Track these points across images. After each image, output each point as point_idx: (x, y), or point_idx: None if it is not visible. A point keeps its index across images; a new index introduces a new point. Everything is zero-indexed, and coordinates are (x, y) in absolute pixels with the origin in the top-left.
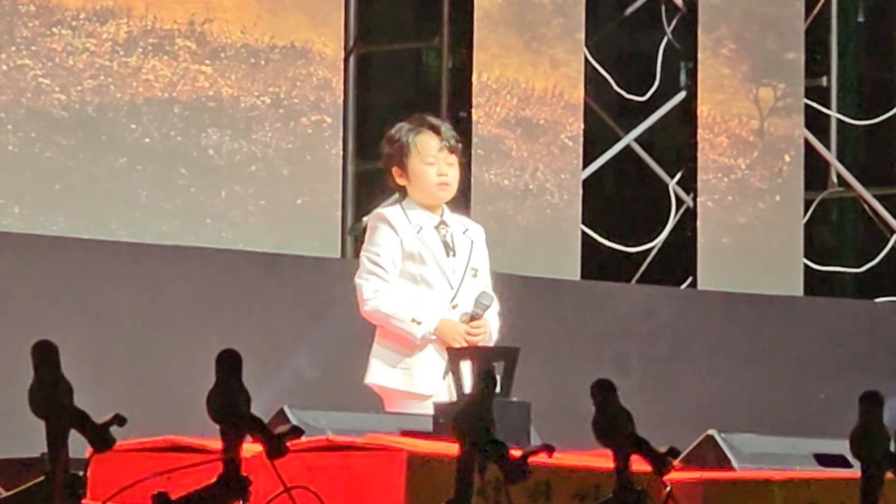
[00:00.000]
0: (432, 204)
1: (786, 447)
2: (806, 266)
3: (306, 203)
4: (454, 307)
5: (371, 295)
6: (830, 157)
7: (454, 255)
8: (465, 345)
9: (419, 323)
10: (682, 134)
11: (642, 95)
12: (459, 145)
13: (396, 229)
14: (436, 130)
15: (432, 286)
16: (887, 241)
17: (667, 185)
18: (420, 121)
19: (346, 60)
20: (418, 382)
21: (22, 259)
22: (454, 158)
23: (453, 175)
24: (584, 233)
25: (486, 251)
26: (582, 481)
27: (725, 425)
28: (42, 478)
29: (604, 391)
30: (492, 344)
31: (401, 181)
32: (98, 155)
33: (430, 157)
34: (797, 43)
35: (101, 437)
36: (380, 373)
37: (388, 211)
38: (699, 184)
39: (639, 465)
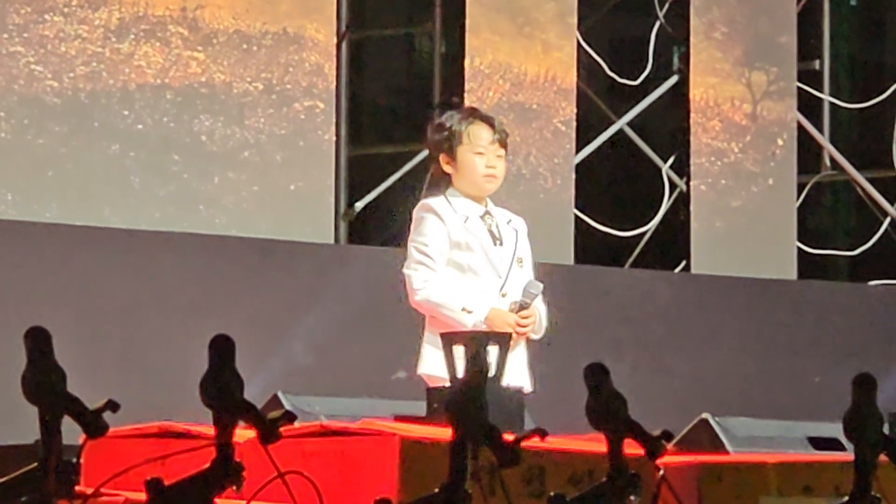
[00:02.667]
0: (477, 194)
1: (780, 430)
2: (799, 249)
3: (299, 189)
4: (503, 296)
5: (420, 285)
6: (823, 140)
7: (501, 245)
8: (515, 335)
9: (470, 312)
10: (674, 118)
11: (635, 80)
12: (507, 139)
13: (443, 219)
14: (489, 122)
15: (480, 275)
16: (880, 224)
17: (660, 170)
18: (472, 112)
19: (338, 46)
20: None
21: (15, 246)
22: (503, 152)
23: (501, 168)
24: (577, 217)
25: (529, 244)
26: (575, 465)
27: (719, 409)
28: (35, 464)
29: (597, 375)
30: (542, 333)
31: (447, 169)
32: (91, 141)
33: (480, 147)
34: (789, 26)
35: (94, 424)
36: (433, 363)
37: (434, 201)
38: (692, 168)
39: (632, 448)
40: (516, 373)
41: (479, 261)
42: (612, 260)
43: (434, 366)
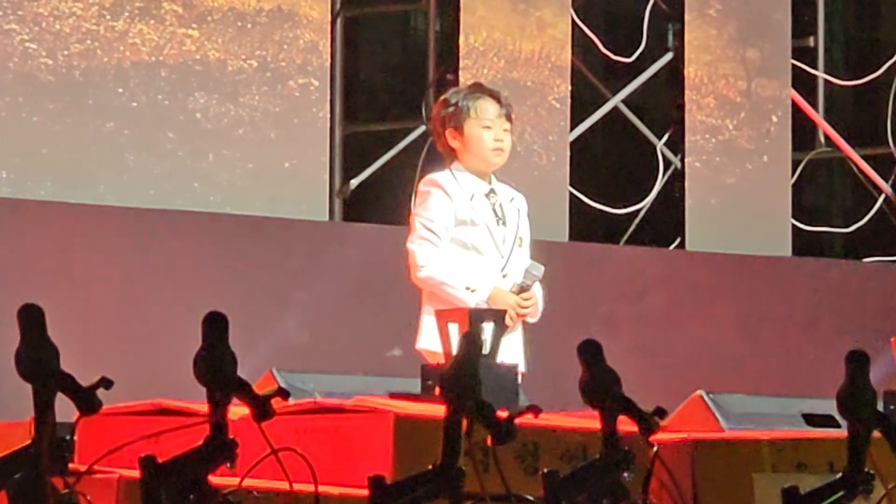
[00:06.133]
0: (483, 169)
1: (774, 407)
2: (794, 226)
3: (294, 166)
4: (504, 276)
5: (424, 261)
6: (818, 117)
7: (504, 224)
8: (515, 316)
9: (473, 291)
10: (669, 95)
11: (629, 57)
12: (512, 113)
13: (450, 195)
14: (495, 97)
15: (483, 254)
16: (875, 200)
17: (654, 147)
18: (478, 87)
19: (332, 23)
20: None
21: (9, 224)
22: (509, 125)
23: (508, 142)
24: (571, 194)
25: (528, 224)
26: (569, 442)
27: (714, 386)
28: (29, 441)
29: (591, 352)
30: (538, 316)
31: (454, 143)
32: (85, 119)
33: (487, 121)
34: (784, 3)
35: (87, 401)
36: (433, 338)
37: (441, 176)
38: (687, 145)
39: (626, 425)
40: (512, 355)
41: (483, 239)
42: (607, 237)
43: (433, 341)
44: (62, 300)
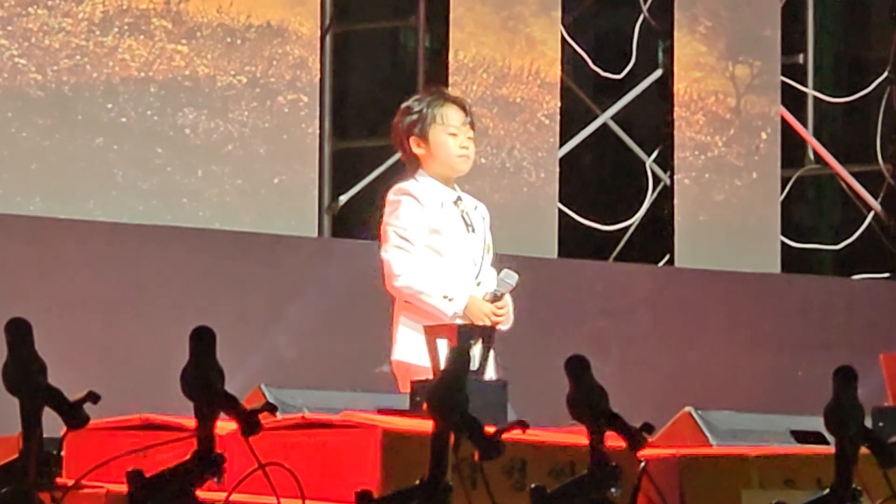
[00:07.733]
0: (448, 176)
1: (762, 424)
2: (783, 243)
3: (283, 182)
4: (478, 284)
5: (401, 270)
6: (807, 134)
7: (473, 232)
8: (489, 324)
9: (450, 300)
10: (658, 112)
11: (619, 73)
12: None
13: (421, 202)
14: (459, 104)
15: (456, 262)
16: (864, 218)
17: (644, 163)
18: (441, 93)
19: (322, 39)
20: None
21: None
22: (472, 133)
23: (472, 149)
24: (560, 211)
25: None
26: (557, 458)
27: (702, 402)
28: (16, 456)
29: (578, 367)
30: (510, 324)
31: (418, 150)
32: (74, 135)
33: (452, 127)
34: (773, 20)
35: (74, 415)
36: (409, 349)
37: (409, 185)
38: (676, 161)
39: (614, 441)
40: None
41: (455, 248)
42: (596, 253)
43: (411, 353)
44: (50, 315)
